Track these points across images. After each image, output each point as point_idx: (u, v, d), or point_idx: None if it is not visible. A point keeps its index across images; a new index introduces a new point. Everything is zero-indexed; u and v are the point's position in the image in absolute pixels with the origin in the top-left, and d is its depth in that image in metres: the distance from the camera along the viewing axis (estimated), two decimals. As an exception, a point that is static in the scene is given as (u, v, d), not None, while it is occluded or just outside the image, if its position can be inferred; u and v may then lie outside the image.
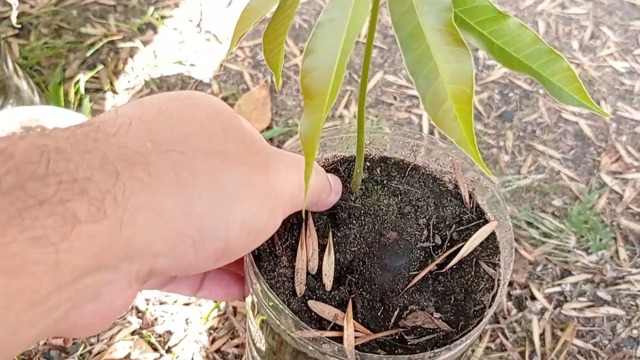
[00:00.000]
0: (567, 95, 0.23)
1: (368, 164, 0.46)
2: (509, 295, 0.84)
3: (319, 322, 0.37)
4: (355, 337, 0.36)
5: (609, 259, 0.88)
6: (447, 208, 0.44)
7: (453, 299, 0.40)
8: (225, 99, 1.04)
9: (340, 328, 0.36)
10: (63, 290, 0.22)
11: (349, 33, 0.24)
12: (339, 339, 0.36)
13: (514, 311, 0.82)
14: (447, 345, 0.36)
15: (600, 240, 0.89)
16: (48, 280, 0.21)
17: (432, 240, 0.43)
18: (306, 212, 0.42)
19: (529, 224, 0.91)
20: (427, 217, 0.43)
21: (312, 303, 0.37)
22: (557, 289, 0.85)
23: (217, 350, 0.75)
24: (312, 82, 0.24)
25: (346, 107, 1.05)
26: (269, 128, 0.99)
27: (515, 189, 0.95)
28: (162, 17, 1.17)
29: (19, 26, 1.08)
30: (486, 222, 0.43)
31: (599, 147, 1.03)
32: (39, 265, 0.21)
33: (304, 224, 0.41)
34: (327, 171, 0.45)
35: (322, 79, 0.24)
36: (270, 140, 0.98)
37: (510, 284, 0.85)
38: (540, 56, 0.23)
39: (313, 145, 0.24)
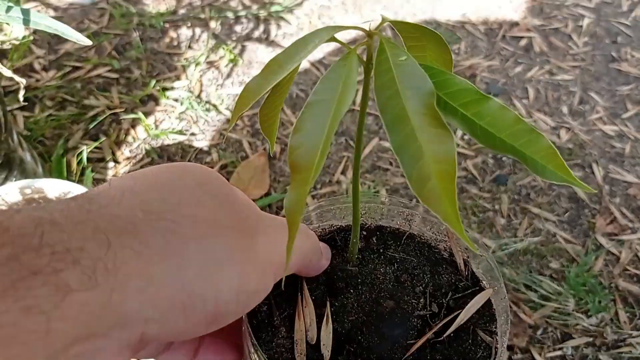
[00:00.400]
0: (550, 172, 0.25)
1: (364, 233, 0.47)
2: (510, 360, 0.83)
3: (318, 394, 0.37)
4: (354, 409, 0.36)
5: (609, 321, 0.88)
6: (443, 276, 0.45)
7: (451, 367, 0.40)
8: (224, 166, 1.06)
9: (339, 400, 0.36)
10: (54, 358, 0.22)
11: (335, 114, 0.26)
12: (338, 411, 0.36)
13: (516, 377, 0.82)
14: (446, 416, 0.36)
15: (599, 302, 0.89)
16: (40, 348, 0.22)
17: (428, 308, 0.43)
18: (301, 281, 0.42)
19: (528, 287, 0.91)
20: (424, 285, 0.44)
21: (310, 374, 0.38)
22: (559, 352, 0.84)
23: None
24: (299, 158, 0.26)
25: (343, 173, 1.07)
26: (267, 194, 1.01)
27: (513, 251, 0.96)
28: (164, 89, 1.20)
29: (25, 103, 1.11)
30: (482, 289, 0.44)
31: (594, 209, 1.04)
32: (31, 334, 0.21)
33: (299, 293, 0.42)
34: (323, 240, 0.46)
35: (308, 156, 0.26)
36: (269, 206, 0.99)
37: (511, 348, 0.84)
38: (522, 135, 0.25)
39: (297, 218, 0.25)
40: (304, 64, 1.26)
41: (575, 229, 1.01)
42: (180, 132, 1.12)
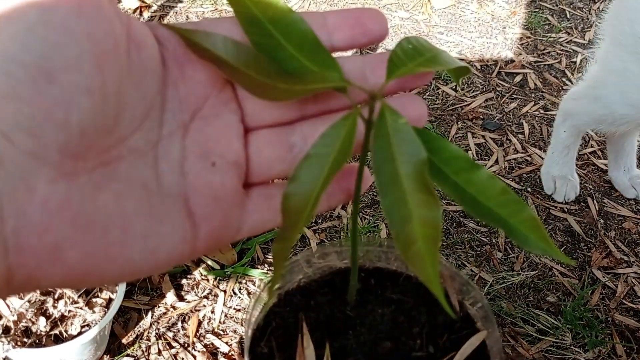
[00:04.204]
0: (533, 242, 0.26)
1: (362, 274, 0.49)
2: (508, 395, 0.84)
3: None
4: None
5: (606, 356, 0.89)
6: (439, 317, 0.47)
7: (447, 408, 0.41)
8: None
9: None
10: None
11: (331, 168, 0.28)
12: None
13: (514, 412, 0.82)
14: None
15: (596, 336, 0.91)
16: None
17: (425, 349, 0.45)
18: (301, 322, 0.44)
19: (525, 320, 0.92)
20: (420, 326, 0.46)
21: (311, 415, 0.39)
22: (557, 388, 0.85)
23: None
24: (291, 205, 0.27)
25: (343, 208, 1.09)
26: (270, 229, 1.03)
27: (510, 285, 0.97)
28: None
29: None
30: (476, 330, 0.46)
31: (589, 242, 1.06)
32: None
33: (299, 335, 0.43)
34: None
35: (300, 205, 0.27)
36: (272, 241, 1.01)
37: (510, 383, 0.85)
38: (509, 205, 0.26)
39: (282, 262, 0.27)
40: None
41: (572, 262, 1.02)
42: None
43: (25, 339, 0.65)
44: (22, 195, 0.22)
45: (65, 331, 0.68)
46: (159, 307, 0.91)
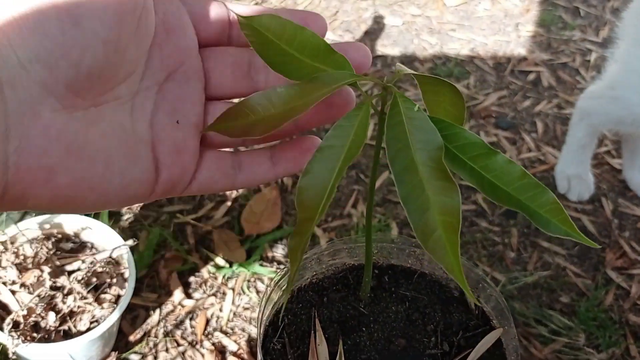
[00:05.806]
0: (555, 226, 0.26)
1: (376, 271, 0.48)
2: (521, 396, 0.83)
3: None
4: None
5: (620, 356, 0.88)
6: (454, 314, 0.46)
7: (462, 407, 0.40)
8: (236, 199, 1.08)
9: None
10: None
11: (345, 159, 0.27)
12: None
13: (527, 413, 0.81)
14: None
15: (610, 337, 0.89)
16: None
17: (440, 347, 0.44)
18: (314, 319, 0.43)
19: (538, 321, 0.91)
20: (435, 324, 0.45)
21: (324, 413, 0.38)
22: (570, 389, 0.84)
23: None
24: (306, 199, 0.27)
25: (354, 206, 1.08)
26: (279, 227, 1.02)
27: (522, 285, 0.96)
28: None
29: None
30: (492, 328, 0.45)
31: (603, 243, 1.05)
32: None
33: (312, 332, 0.43)
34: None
35: (315, 197, 0.27)
36: (280, 239, 1.00)
37: (522, 384, 0.84)
38: (528, 189, 0.26)
39: (298, 255, 0.27)
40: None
41: (585, 262, 1.01)
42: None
43: (34, 334, 0.65)
44: (28, 119, 0.24)
45: (74, 327, 0.68)
46: (166, 304, 0.90)
